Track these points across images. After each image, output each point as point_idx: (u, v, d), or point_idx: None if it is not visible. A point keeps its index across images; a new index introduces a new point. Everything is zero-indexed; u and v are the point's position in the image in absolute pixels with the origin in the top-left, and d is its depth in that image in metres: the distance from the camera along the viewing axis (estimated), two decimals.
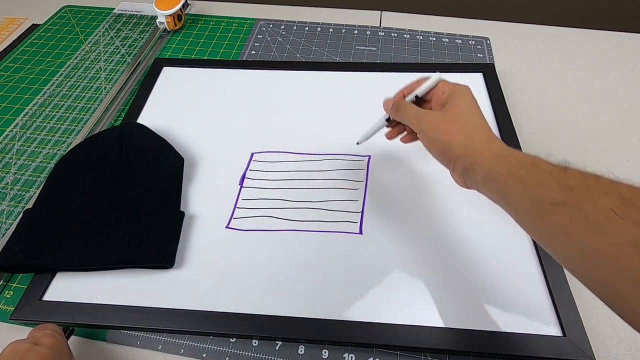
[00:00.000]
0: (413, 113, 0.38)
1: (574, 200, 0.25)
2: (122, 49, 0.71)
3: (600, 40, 0.70)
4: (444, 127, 0.34)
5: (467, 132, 0.34)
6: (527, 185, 0.28)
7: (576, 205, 0.24)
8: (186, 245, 0.44)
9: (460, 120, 0.34)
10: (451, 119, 0.35)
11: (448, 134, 0.34)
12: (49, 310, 0.40)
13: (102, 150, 0.50)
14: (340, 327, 0.38)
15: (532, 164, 0.29)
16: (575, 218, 0.24)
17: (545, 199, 0.26)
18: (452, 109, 0.35)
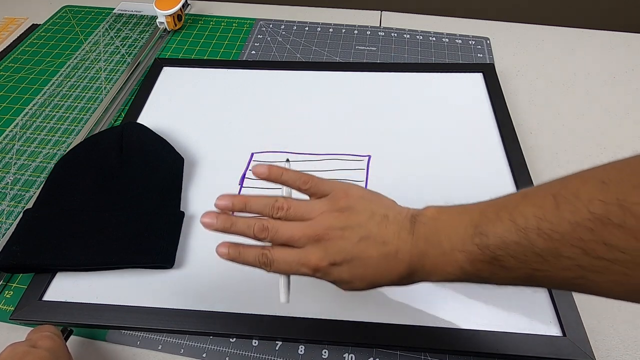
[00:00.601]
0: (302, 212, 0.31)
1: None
2: (122, 49, 0.71)
3: (600, 40, 0.70)
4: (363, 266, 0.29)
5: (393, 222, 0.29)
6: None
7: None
8: (186, 245, 0.44)
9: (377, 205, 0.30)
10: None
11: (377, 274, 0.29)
12: (48, 310, 0.40)
13: (102, 150, 0.50)
14: (340, 327, 0.38)
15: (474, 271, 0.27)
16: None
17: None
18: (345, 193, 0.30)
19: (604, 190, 0.21)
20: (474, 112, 0.56)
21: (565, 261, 0.22)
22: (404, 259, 0.28)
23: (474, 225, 0.26)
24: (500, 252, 0.24)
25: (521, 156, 0.50)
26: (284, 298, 0.32)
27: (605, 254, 0.21)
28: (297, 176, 0.32)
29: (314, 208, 0.30)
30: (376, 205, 0.30)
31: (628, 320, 0.40)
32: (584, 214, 0.21)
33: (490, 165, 0.50)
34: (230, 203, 0.31)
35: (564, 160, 0.52)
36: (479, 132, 0.54)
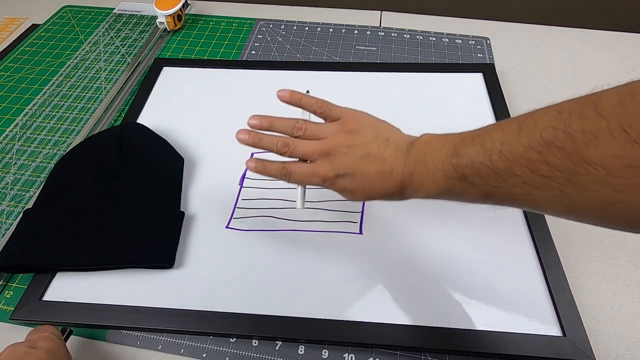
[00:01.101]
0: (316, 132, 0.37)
1: (499, 199, 0.28)
2: (122, 49, 0.71)
3: (600, 40, 0.70)
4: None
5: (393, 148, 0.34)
6: (458, 201, 0.31)
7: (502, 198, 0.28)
8: (186, 245, 0.44)
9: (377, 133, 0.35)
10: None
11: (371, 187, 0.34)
12: (48, 310, 0.40)
13: (102, 150, 0.50)
14: (340, 327, 0.38)
15: (443, 189, 0.31)
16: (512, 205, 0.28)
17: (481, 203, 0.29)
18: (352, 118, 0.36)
19: (557, 118, 0.24)
20: (474, 112, 0.56)
21: (516, 179, 0.26)
22: (397, 176, 0.33)
23: (454, 148, 0.30)
24: (468, 170, 0.29)
25: None
26: (300, 204, 0.37)
27: (547, 172, 0.24)
28: (314, 101, 0.38)
29: (326, 129, 0.36)
30: (380, 130, 0.36)
31: (628, 320, 0.40)
32: (536, 138, 0.25)
33: None
34: (259, 122, 0.37)
35: None
36: None
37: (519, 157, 0.25)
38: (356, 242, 0.44)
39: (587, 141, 0.22)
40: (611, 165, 0.21)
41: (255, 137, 0.37)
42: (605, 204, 0.22)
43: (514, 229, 0.45)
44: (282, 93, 0.38)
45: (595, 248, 0.45)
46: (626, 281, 0.42)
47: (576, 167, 0.23)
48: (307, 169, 0.35)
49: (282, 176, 0.36)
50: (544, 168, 0.24)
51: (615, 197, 0.22)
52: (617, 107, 0.21)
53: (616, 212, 0.22)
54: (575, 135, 0.23)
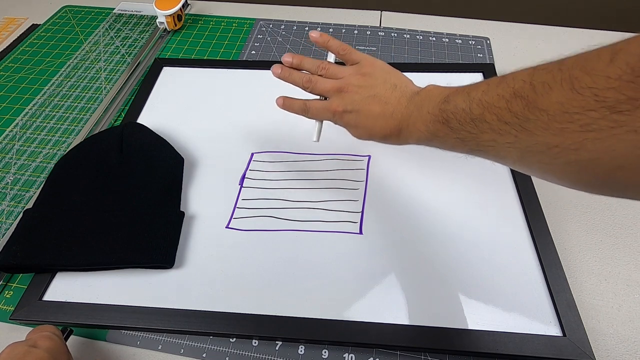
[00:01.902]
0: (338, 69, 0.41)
1: (473, 146, 0.30)
2: (122, 49, 0.71)
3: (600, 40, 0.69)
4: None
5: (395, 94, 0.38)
6: (446, 149, 0.34)
7: (477, 148, 0.30)
8: (186, 245, 0.44)
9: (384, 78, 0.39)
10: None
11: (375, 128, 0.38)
12: (49, 310, 0.40)
13: (102, 150, 0.50)
14: (340, 327, 0.38)
15: (433, 135, 0.34)
16: (483, 155, 0.30)
17: (462, 152, 0.32)
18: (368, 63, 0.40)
19: (530, 73, 0.26)
20: None
21: (485, 125, 0.28)
22: (397, 118, 0.37)
23: (447, 95, 0.33)
24: (451, 115, 0.31)
25: None
26: (316, 137, 0.43)
27: (508, 119, 0.26)
28: (339, 44, 0.42)
29: (344, 71, 0.41)
30: (391, 77, 0.40)
31: (628, 320, 0.40)
32: (509, 89, 0.27)
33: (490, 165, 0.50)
34: (291, 59, 0.42)
35: None
36: None
37: (492, 105, 0.28)
38: (356, 242, 0.44)
39: (543, 91, 0.24)
40: (553, 111, 0.23)
41: (286, 71, 0.42)
42: (546, 147, 0.24)
43: (515, 229, 0.45)
44: (313, 33, 0.42)
45: (595, 248, 0.45)
46: (626, 281, 0.42)
47: (530, 114, 0.25)
48: (322, 105, 0.40)
49: (303, 111, 0.42)
50: (507, 115, 0.27)
51: (553, 140, 0.24)
52: (574, 61, 0.24)
53: (554, 156, 0.24)
54: (537, 86, 0.25)
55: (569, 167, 0.24)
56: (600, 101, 0.21)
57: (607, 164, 0.22)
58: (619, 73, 0.21)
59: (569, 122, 0.23)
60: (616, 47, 0.23)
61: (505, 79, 0.28)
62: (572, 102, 0.22)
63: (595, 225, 0.46)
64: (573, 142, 0.23)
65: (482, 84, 0.30)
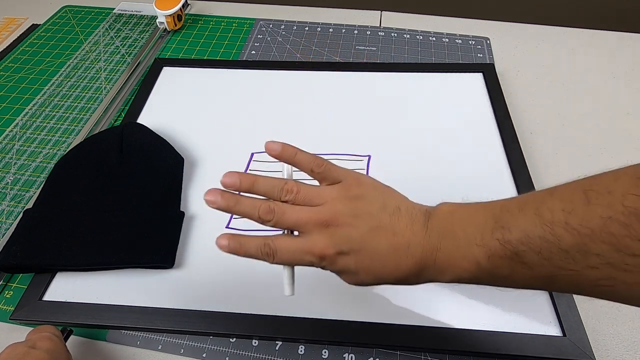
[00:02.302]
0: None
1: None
2: (122, 49, 0.71)
3: (600, 40, 0.70)
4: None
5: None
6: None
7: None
8: (186, 245, 0.44)
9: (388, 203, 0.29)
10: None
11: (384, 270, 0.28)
12: (48, 311, 0.40)
13: (102, 150, 0.50)
14: (340, 327, 0.38)
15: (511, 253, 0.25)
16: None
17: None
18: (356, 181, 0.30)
19: (639, 185, 0.20)
20: (474, 112, 0.56)
21: (593, 259, 0.21)
22: (415, 253, 0.27)
23: (495, 219, 0.25)
24: (523, 247, 0.23)
25: (521, 156, 0.50)
26: (289, 291, 0.30)
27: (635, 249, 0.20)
28: (311, 159, 0.30)
29: (324, 193, 0.29)
30: (389, 197, 0.30)
31: (628, 320, 0.40)
32: (617, 208, 0.20)
33: (490, 165, 0.50)
34: (237, 181, 0.29)
35: (564, 160, 0.52)
36: (479, 132, 0.54)
37: (596, 232, 0.21)
38: None
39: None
40: None
41: (229, 199, 0.29)
42: None
43: None
44: (271, 146, 0.30)
45: None
46: None
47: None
48: (298, 245, 0.28)
49: (265, 256, 0.29)
50: (636, 245, 0.19)
51: None
52: None
53: None
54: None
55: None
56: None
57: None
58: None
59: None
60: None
61: (594, 194, 0.21)
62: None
63: None
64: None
65: (551, 200, 0.23)
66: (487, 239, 0.25)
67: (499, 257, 0.24)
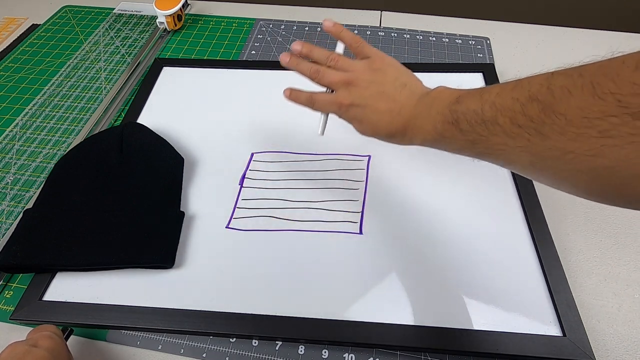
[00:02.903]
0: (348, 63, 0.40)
1: (483, 149, 0.30)
2: (122, 49, 0.71)
3: (600, 40, 0.70)
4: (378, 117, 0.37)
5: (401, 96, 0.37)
6: (454, 152, 0.33)
7: (486, 151, 0.29)
8: (186, 245, 0.44)
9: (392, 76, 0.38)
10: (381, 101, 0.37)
11: (383, 123, 0.37)
12: (49, 310, 0.40)
13: (102, 150, 0.50)
14: (340, 327, 0.38)
15: (440, 136, 0.33)
16: (493, 159, 0.30)
17: (470, 155, 0.31)
18: (378, 59, 0.39)
19: (548, 77, 0.26)
20: None
21: (497, 128, 0.28)
22: (403, 116, 0.36)
23: (458, 97, 0.32)
24: (462, 116, 0.31)
25: None
26: (321, 131, 0.42)
27: (523, 122, 0.26)
28: (351, 35, 0.41)
29: (354, 64, 0.39)
30: (402, 75, 0.39)
31: (628, 320, 0.40)
32: (524, 92, 0.26)
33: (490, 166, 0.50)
34: (300, 47, 0.41)
35: None
36: None
37: (505, 108, 0.27)
38: (356, 242, 0.44)
39: (562, 95, 0.24)
40: (572, 115, 0.23)
41: (294, 60, 0.41)
42: (561, 152, 0.24)
43: (515, 229, 0.45)
44: (327, 22, 0.41)
45: (595, 248, 0.45)
46: (626, 281, 0.42)
47: (546, 118, 0.24)
48: (329, 98, 0.39)
49: (309, 103, 0.40)
50: (521, 118, 0.26)
51: (569, 146, 0.23)
52: (596, 68, 0.23)
53: (568, 162, 0.24)
54: (555, 90, 0.24)
55: (583, 174, 0.23)
56: (623, 107, 0.21)
57: (624, 172, 0.21)
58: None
59: (588, 128, 0.22)
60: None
61: (520, 83, 0.27)
62: (593, 107, 0.22)
63: (595, 225, 0.46)
64: (590, 149, 0.22)
65: (496, 87, 0.29)
66: (445, 109, 0.33)
67: (446, 123, 0.32)
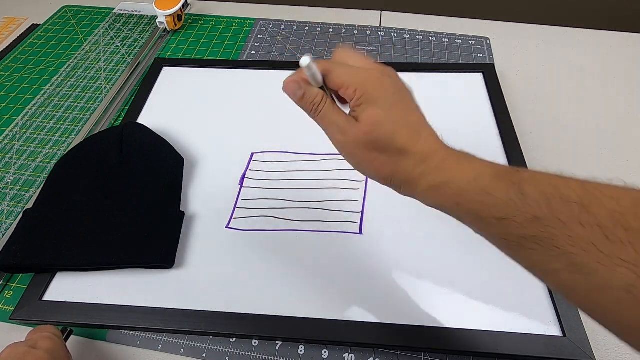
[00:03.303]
0: (331, 121, 0.31)
1: (546, 235, 0.21)
2: (122, 49, 0.71)
3: (601, 40, 0.70)
4: (366, 156, 0.28)
5: (394, 161, 0.27)
6: (488, 222, 0.25)
7: (550, 241, 0.21)
8: (186, 245, 0.44)
9: (382, 145, 0.27)
10: (371, 145, 0.28)
11: (374, 167, 0.28)
12: (49, 311, 0.40)
13: (102, 150, 0.50)
14: (340, 327, 0.38)
15: (482, 191, 0.25)
16: (553, 256, 0.21)
17: (512, 235, 0.23)
18: (368, 128, 0.27)
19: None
20: (474, 112, 0.56)
21: (592, 219, 0.21)
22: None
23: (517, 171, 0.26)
24: (528, 179, 0.24)
25: (521, 156, 0.50)
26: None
27: (621, 235, 0.20)
28: (306, 105, 0.34)
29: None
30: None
31: None
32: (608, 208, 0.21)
33: None
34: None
35: (564, 160, 0.52)
36: (478, 132, 0.54)
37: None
38: (356, 242, 0.44)
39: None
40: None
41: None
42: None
43: None
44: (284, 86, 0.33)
45: None
46: None
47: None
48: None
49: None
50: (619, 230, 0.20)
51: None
52: None
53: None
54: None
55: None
56: None
57: None
58: None
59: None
60: None
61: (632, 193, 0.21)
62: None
63: None
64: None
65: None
66: (495, 166, 0.27)
67: (499, 177, 0.25)
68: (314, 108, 0.31)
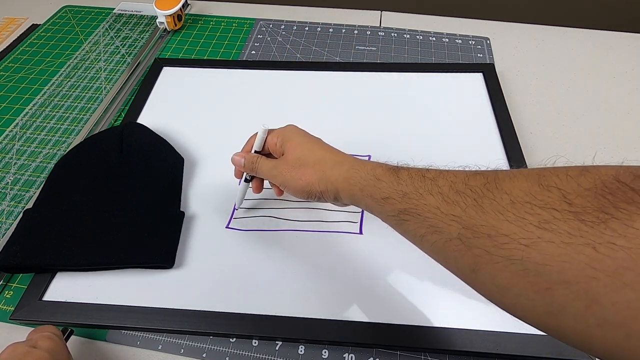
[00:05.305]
0: (267, 167, 0.39)
1: (412, 206, 0.28)
2: (122, 49, 0.71)
3: (600, 40, 0.70)
4: (296, 174, 0.36)
5: (316, 169, 0.36)
6: (378, 202, 0.31)
7: (415, 210, 0.27)
8: (186, 245, 0.44)
9: (305, 161, 0.36)
10: (297, 164, 0.37)
11: (304, 179, 0.36)
12: (49, 311, 0.40)
13: (102, 150, 0.50)
14: (340, 327, 0.38)
15: (374, 178, 0.31)
16: (418, 222, 0.27)
17: (393, 210, 0.29)
18: (292, 155, 0.37)
19: (494, 170, 0.27)
20: (474, 112, 0.56)
21: (435, 188, 0.27)
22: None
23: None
24: (403, 168, 0.32)
25: (521, 156, 0.50)
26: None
27: (462, 189, 0.26)
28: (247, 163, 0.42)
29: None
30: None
31: None
32: (470, 171, 0.28)
33: (490, 166, 0.50)
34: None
35: (564, 160, 0.52)
36: (479, 132, 0.54)
37: (448, 173, 0.28)
38: (356, 242, 0.44)
39: (507, 177, 0.24)
40: (515, 196, 0.22)
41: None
42: (494, 231, 0.23)
43: None
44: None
45: None
46: None
47: (487, 192, 0.24)
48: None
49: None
50: (462, 186, 0.26)
51: (504, 227, 0.22)
52: (542, 168, 0.24)
53: (499, 246, 0.22)
54: (500, 174, 0.25)
55: (508, 264, 0.21)
56: (567, 202, 0.20)
57: (554, 275, 0.20)
58: (590, 185, 0.20)
59: (529, 214, 0.21)
60: (586, 166, 0.22)
61: (466, 171, 0.28)
62: (537, 195, 0.21)
63: None
64: (525, 237, 0.21)
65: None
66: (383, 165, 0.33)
67: (388, 169, 0.32)
68: (253, 166, 0.40)
